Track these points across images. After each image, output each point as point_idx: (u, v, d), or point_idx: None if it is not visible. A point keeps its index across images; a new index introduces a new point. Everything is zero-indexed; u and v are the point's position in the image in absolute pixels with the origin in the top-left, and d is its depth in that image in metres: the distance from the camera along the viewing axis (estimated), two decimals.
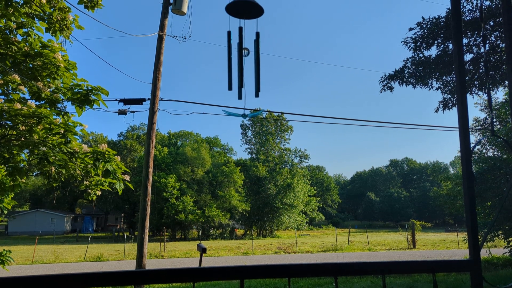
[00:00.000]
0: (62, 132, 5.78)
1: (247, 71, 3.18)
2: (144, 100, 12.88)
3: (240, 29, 3.11)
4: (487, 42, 11.63)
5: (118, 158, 6.24)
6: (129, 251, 25.40)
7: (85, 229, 61.69)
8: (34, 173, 7.42)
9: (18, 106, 5.31)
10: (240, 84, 3.09)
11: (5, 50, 5.61)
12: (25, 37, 5.88)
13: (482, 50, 11.87)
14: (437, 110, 13.86)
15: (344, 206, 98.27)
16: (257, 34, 3.18)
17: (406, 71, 13.11)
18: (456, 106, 2.03)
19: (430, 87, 13.40)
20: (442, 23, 11.95)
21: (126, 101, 13.10)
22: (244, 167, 51.10)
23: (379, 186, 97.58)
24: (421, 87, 13.42)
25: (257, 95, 3.09)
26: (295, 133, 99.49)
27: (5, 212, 7.08)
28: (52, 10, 6.03)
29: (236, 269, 1.65)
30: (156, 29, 12.10)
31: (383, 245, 30.40)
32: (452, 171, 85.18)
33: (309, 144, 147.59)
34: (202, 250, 7.67)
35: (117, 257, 24.18)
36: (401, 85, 13.43)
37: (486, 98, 16.22)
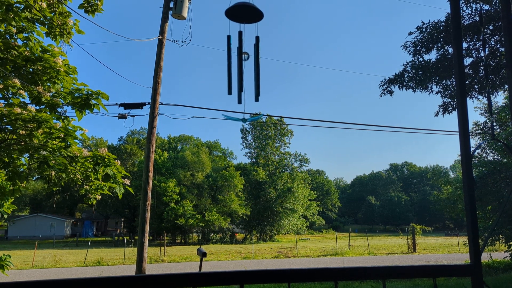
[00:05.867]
0: (62, 136, 5.78)
1: (247, 75, 3.19)
2: (144, 104, 12.89)
3: (240, 33, 3.12)
4: (487, 46, 11.65)
5: (118, 163, 6.24)
6: (129, 255, 25.32)
7: (85, 233, 61.58)
8: (34, 178, 7.42)
9: (18, 110, 5.31)
10: (240, 88, 3.09)
11: (6, 55, 5.62)
12: (25, 41, 5.89)
13: (482, 54, 11.90)
14: (437, 114, 13.86)
15: (344, 210, 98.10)
16: (257, 38, 3.19)
17: (406, 75, 13.13)
18: (456, 110, 2.03)
19: (430, 91, 13.42)
20: (441, 27, 11.98)
21: (126, 106, 13.11)
22: (244, 171, 51.09)
23: (379, 190, 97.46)
24: (421, 91, 13.43)
25: (257, 99, 3.09)
26: (295, 137, 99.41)
27: (5, 216, 7.07)
28: (52, 14, 6.05)
29: (236, 274, 1.64)
30: (156, 34, 12.13)
31: (383, 249, 30.34)
32: (452, 175, 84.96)
33: (309, 148, 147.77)
34: (202, 254, 7.64)
35: (117, 261, 24.13)
36: (401, 89, 13.44)
37: (486, 102, 16.24)
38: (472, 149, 1.98)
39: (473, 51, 12.01)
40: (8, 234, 56.14)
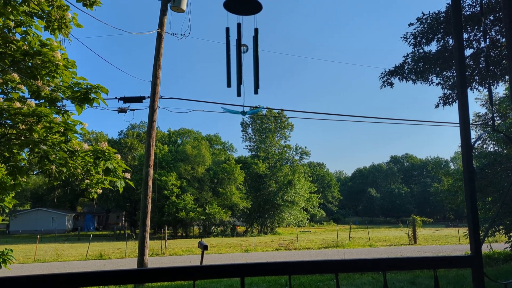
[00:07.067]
0: (62, 130, 5.77)
1: (246, 67, 3.17)
2: (144, 98, 12.88)
3: (239, 25, 3.09)
4: (487, 37, 11.59)
5: (118, 156, 6.23)
6: (130, 249, 25.44)
7: (86, 227, 61.84)
8: (35, 172, 7.42)
9: (18, 105, 5.30)
10: (239, 81, 3.07)
11: (4, 49, 5.60)
12: (23, 35, 5.87)
13: (483, 45, 11.84)
14: (437, 106, 13.83)
15: (345, 202, 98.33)
16: (256, 30, 3.16)
17: (406, 67, 13.07)
18: (457, 101, 2.02)
19: (430, 82, 13.38)
20: (442, 18, 11.91)
21: (126, 99, 13.09)
22: (245, 164, 51.14)
23: (379, 182, 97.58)
24: (421, 82, 13.38)
25: (256, 92, 3.08)
26: (295, 130, 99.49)
27: (7, 211, 7.10)
28: (50, 8, 6.01)
29: (236, 267, 1.64)
30: (155, 27, 12.08)
31: (384, 241, 30.45)
32: (452, 167, 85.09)
33: (309, 141, 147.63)
34: (204, 247, 7.67)
35: (119, 255, 24.23)
36: (401, 81, 13.40)
37: (487, 93, 16.19)
38: (472, 140, 1.97)
39: (473, 42, 11.95)
40: (10, 229, 56.40)
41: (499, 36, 11.57)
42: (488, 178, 13.55)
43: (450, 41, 12.11)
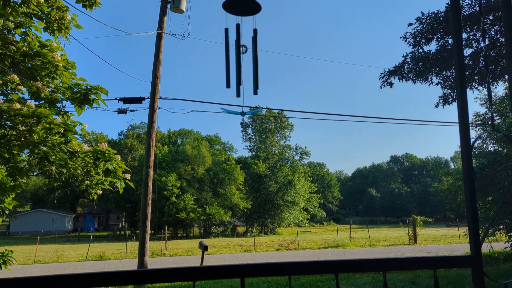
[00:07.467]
0: (62, 131, 5.77)
1: (246, 68, 3.18)
2: (143, 98, 12.88)
3: (238, 26, 3.09)
4: (487, 36, 11.60)
5: (118, 157, 6.23)
6: (131, 249, 25.44)
7: (86, 228, 61.83)
8: (35, 173, 7.42)
9: (18, 106, 5.30)
10: (238, 82, 3.07)
11: (4, 50, 5.60)
12: (23, 36, 5.86)
13: (482, 44, 11.84)
14: (437, 105, 13.84)
15: (345, 202, 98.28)
16: (255, 31, 3.17)
17: (405, 67, 13.09)
18: (456, 101, 2.02)
19: (430, 82, 13.39)
20: (441, 18, 11.92)
21: (126, 100, 13.10)
22: (245, 164, 51.14)
23: (380, 182, 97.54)
24: (421, 82, 13.39)
25: (255, 93, 3.08)
26: (295, 130, 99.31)
27: (7, 212, 7.09)
28: (50, 9, 6.02)
29: (236, 268, 1.64)
30: (155, 28, 12.08)
31: (384, 241, 30.45)
32: (452, 166, 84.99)
33: (309, 141, 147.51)
34: (204, 248, 7.68)
35: (119, 256, 24.23)
36: (400, 80, 13.41)
37: (486, 92, 16.19)
38: (472, 140, 1.97)
39: (473, 42, 11.95)
40: (10, 230, 56.39)
41: (498, 36, 11.58)
42: (488, 177, 13.55)
43: (450, 41, 12.12)
